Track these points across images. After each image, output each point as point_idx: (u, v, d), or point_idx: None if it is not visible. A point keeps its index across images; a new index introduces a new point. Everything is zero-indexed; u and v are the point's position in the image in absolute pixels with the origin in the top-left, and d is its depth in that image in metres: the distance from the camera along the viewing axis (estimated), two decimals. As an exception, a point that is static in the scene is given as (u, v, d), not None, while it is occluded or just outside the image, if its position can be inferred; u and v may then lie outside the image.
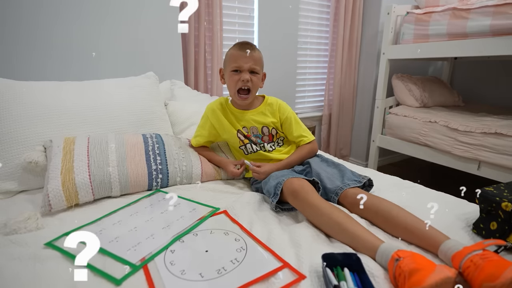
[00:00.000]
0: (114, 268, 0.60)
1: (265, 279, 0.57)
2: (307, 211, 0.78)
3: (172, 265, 0.61)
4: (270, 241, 0.70)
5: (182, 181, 1.04)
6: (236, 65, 1.01)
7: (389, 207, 0.77)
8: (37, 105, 1.05)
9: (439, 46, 1.76)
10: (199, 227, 0.76)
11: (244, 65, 1.01)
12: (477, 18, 1.55)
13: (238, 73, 1.02)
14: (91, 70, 1.43)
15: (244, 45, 1.01)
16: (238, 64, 1.01)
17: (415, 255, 0.56)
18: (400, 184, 1.08)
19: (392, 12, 1.99)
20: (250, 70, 1.02)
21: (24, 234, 0.72)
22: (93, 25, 1.40)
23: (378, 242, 0.64)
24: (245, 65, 1.01)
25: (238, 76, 1.02)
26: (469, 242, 0.70)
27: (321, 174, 0.96)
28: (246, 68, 1.01)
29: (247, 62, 1.01)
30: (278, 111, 1.12)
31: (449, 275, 0.50)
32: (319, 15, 2.30)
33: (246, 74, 1.01)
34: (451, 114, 1.91)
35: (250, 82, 1.02)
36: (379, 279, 0.57)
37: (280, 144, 1.14)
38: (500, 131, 1.50)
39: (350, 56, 2.39)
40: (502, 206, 0.66)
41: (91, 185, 0.88)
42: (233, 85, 1.04)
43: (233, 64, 1.02)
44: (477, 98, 2.47)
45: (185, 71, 1.76)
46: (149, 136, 1.10)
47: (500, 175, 1.53)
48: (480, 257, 0.54)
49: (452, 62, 2.58)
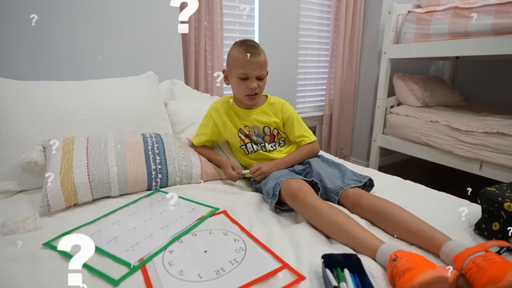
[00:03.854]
0: (112, 269, 0.59)
1: (264, 280, 0.57)
2: (306, 212, 0.77)
3: (170, 265, 0.61)
4: (269, 241, 0.69)
5: (182, 181, 1.04)
6: (244, 71, 1.00)
7: (390, 207, 0.76)
8: (37, 105, 1.05)
9: (440, 46, 1.75)
10: (198, 227, 0.76)
11: (252, 72, 1.00)
12: (479, 17, 1.54)
13: (246, 80, 1.01)
14: (91, 69, 1.43)
15: (250, 49, 0.98)
16: (246, 71, 1.00)
17: (414, 255, 0.55)
18: (401, 184, 1.08)
19: (393, 11, 1.98)
20: (257, 77, 1.02)
21: (23, 234, 0.71)
22: (93, 24, 1.40)
23: (378, 242, 0.63)
24: (253, 72, 1.00)
25: (245, 84, 1.01)
26: (471, 243, 0.69)
27: (321, 174, 0.95)
28: (253, 76, 1.00)
29: (254, 69, 0.99)
30: (281, 110, 1.11)
31: (442, 275, 0.49)
32: (320, 15, 2.29)
33: (254, 82, 1.01)
34: (452, 114, 1.90)
35: (257, 88, 1.02)
36: (380, 280, 0.56)
37: (281, 144, 1.14)
38: (502, 130, 1.49)
39: (351, 55, 2.39)
40: (505, 207, 0.65)
41: (90, 185, 0.88)
42: (241, 91, 1.04)
43: (241, 71, 1.00)
44: (478, 98, 2.46)
45: (186, 70, 1.76)
46: (148, 136, 1.10)
47: (502, 175, 1.52)
48: (483, 259, 0.53)
49: (453, 61, 2.57)
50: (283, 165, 1.05)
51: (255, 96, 1.05)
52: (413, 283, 0.48)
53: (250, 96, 1.04)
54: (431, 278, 0.48)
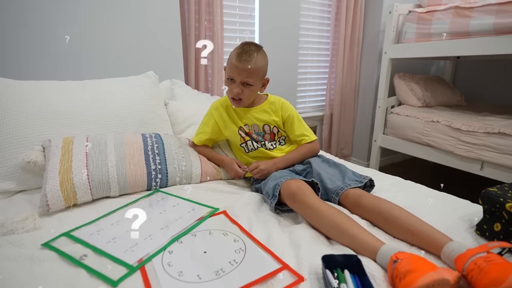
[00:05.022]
0: (111, 269, 0.59)
1: (264, 280, 0.56)
2: (306, 213, 0.77)
3: (169, 266, 0.60)
4: (269, 242, 0.69)
5: (182, 181, 1.04)
6: (230, 74, 1.00)
7: (390, 207, 0.76)
8: (36, 105, 1.05)
9: (441, 45, 1.75)
10: (198, 228, 0.75)
11: (237, 77, 0.99)
12: (480, 16, 1.54)
13: (232, 82, 1.01)
14: (91, 69, 1.42)
15: (241, 54, 0.97)
16: (231, 75, 1.00)
17: (414, 257, 0.55)
18: (402, 184, 1.07)
19: (394, 11, 1.97)
20: (243, 82, 1.00)
21: (22, 234, 0.71)
22: (93, 24, 1.40)
23: (378, 243, 0.63)
24: (238, 77, 0.99)
25: (231, 86, 1.02)
26: (472, 243, 0.69)
27: (322, 174, 0.95)
28: (238, 81, 0.99)
29: (240, 74, 0.98)
30: (281, 109, 1.11)
31: (443, 277, 0.49)
32: (320, 14, 2.29)
33: (237, 87, 1.00)
34: (453, 114, 1.89)
35: (241, 94, 1.01)
36: (380, 281, 0.56)
37: (281, 143, 1.14)
38: (503, 130, 1.48)
39: (352, 55, 2.38)
40: (506, 207, 0.65)
41: (89, 185, 0.88)
42: (228, 91, 1.04)
43: (228, 72, 1.01)
44: (479, 98, 2.45)
45: (186, 70, 1.75)
46: (148, 136, 1.10)
47: (503, 175, 1.51)
48: (484, 260, 0.53)
49: (454, 61, 2.56)
50: (282, 164, 1.04)
51: (239, 101, 1.03)
52: (414, 286, 0.48)
53: (233, 99, 1.04)
54: (432, 281, 0.48)
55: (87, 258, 0.62)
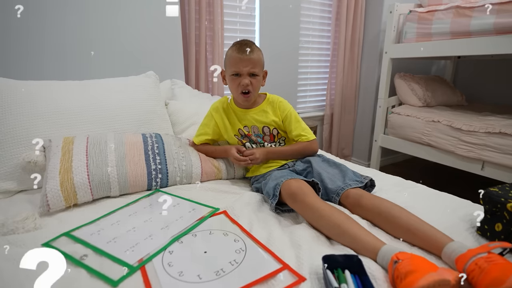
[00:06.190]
0: (111, 269, 0.59)
1: (264, 281, 0.56)
2: (306, 213, 0.77)
3: (170, 266, 0.60)
4: (270, 242, 0.69)
5: (182, 181, 1.04)
6: (235, 69, 1.01)
7: (391, 207, 0.76)
8: (37, 105, 1.05)
9: (442, 45, 1.74)
10: (198, 228, 0.75)
11: (243, 69, 1.00)
12: (481, 16, 1.53)
13: (238, 77, 1.02)
14: (91, 69, 1.43)
15: (242, 47, 0.99)
16: (237, 69, 1.00)
17: (415, 257, 0.55)
18: (403, 184, 1.07)
19: (394, 11, 1.97)
20: (250, 73, 1.01)
21: (22, 234, 0.71)
22: (93, 24, 1.40)
23: (379, 244, 0.63)
24: (244, 69, 1.00)
25: (238, 80, 1.02)
26: (473, 244, 0.69)
27: (322, 174, 0.95)
28: (245, 72, 1.00)
29: (246, 66, 1.00)
30: (278, 108, 1.11)
31: (444, 278, 0.48)
32: (320, 14, 2.29)
33: (246, 78, 1.01)
34: (454, 114, 1.89)
35: (250, 85, 1.02)
36: (381, 282, 0.56)
37: (281, 144, 1.13)
38: (504, 130, 1.48)
39: (352, 55, 2.38)
40: (508, 207, 0.65)
41: (89, 185, 0.88)
42: (234, 88, 1.05)
43: (233, 68, 1.01)
44: (480, 98, 2.45)
45: (186, 70, 1.75)
46: (148, 136, 1.09)
47: (504, 175, 1.51)
48: (485, 260, 0.53)
49: (455, 61, 2.56)
50: (274, 155, 1.06)
51: (249, 94, 1.04)
52: (414, 286, 0.47)
53: (244, 94, 1.04)
54: (433, 282, 0.48)
55: (87, 258, 0.62)
